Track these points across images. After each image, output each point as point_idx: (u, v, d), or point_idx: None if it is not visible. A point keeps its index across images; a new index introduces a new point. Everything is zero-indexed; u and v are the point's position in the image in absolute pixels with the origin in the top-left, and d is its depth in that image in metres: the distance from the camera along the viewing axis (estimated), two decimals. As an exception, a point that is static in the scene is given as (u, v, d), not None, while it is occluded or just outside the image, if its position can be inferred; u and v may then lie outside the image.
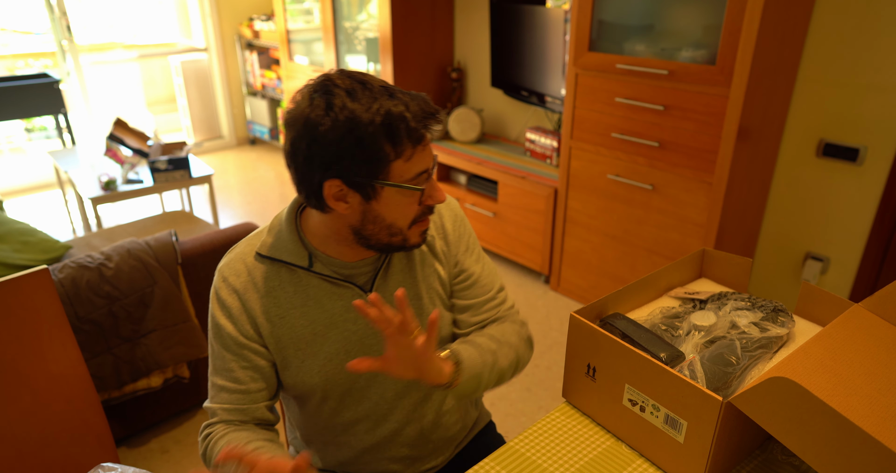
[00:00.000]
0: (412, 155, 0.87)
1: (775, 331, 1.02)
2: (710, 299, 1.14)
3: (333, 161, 0.86)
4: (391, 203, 0.90)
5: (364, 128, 0.83)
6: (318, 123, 0.84)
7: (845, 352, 0.88)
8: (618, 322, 1.03)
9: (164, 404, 2.07)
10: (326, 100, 0.84)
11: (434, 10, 3.55)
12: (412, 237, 0.96)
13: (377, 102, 0.84)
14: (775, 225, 2.51)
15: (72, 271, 1.77)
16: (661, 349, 0.96)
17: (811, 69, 2.25)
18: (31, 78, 4.04)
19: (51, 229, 3.78)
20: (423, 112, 0.87)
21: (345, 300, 1.00)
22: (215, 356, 1.01)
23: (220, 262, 1.04)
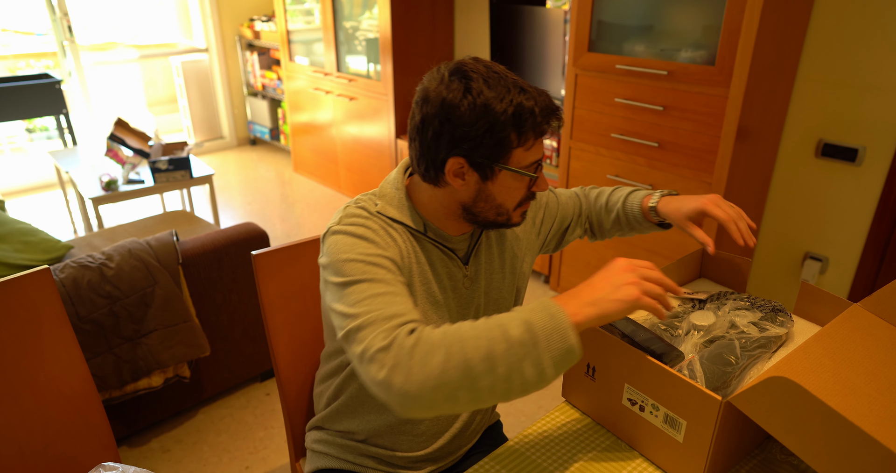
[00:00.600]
0: (532, 145, 0.95)
1: (774, 331, 1.02)
2: (709, 298, 1.14)
3: (462, 141, 0.93)
4: (504, 186, 0.98)
5: (497, 116, 0.91)
6: (455, 105, 0.91)
7: (844, 352, 0.88)
8: (617, 322, 1.03)
9: (164, 403, 2.07)
10: (465, 84, 0.91)
11: (434, 11, 3.55)
12: (515, 217, 1.03)
13: (511, 94, 0.92)
14: (774, 225, 2.51)
15: (73, 271, 1.78)
16: (660, 348, 0.96)
17: (810, 69, 2.25)
18: (33, 78, 4.05)
19: (52, 229, 3.79)
20: (549, 109, 0.95)
21: (448, 269, 1.07)
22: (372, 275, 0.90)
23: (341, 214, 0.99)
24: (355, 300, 0.88)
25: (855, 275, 2.34)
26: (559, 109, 0.97)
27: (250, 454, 2.02)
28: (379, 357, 0.80)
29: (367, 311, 0.86)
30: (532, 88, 0.95)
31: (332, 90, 4.02)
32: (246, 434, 2.10)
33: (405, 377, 0.77)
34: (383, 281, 0.90)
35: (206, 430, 2.12)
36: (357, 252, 0.93)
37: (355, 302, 0.87)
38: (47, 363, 1.22)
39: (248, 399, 2.27)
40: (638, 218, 1.20)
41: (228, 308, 2.14)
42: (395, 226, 1.02)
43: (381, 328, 0.82)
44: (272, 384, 2.36)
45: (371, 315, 0.85)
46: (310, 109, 4.32)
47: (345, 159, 4.15)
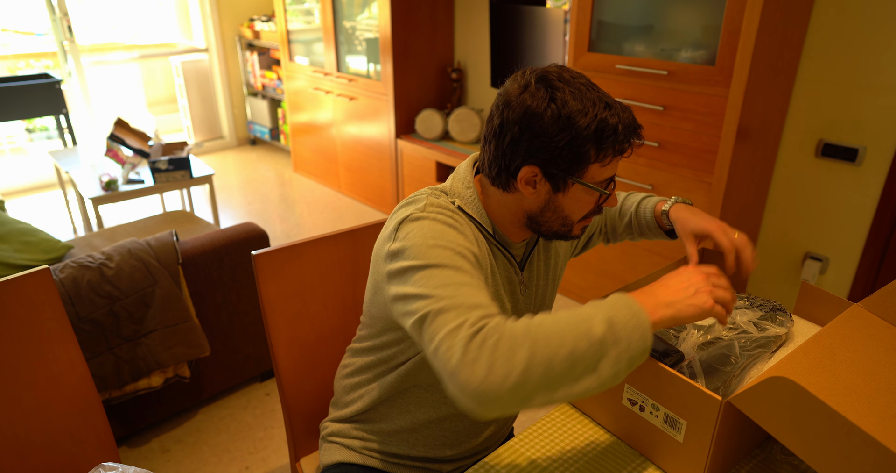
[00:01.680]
0: (610, 162, 0.94)
1: (774, 330, 1.02)
2: None
3: (541, 151, 0.92)
4: (574, 199, 0.97)
5: (579, 130, 0.90)
6: (538, 114, 0.90)
7: (844, 352, 0.88)
8: None
9: (164, 403, 2.07)
10: (550, 93, 0.90)
11: (434, 11, 3.55)
12: (576, 230, 1.03)
13: (595, 109, 0.90)
14: (774, 225, 2.51)
15: (73, 271, 1.78)
16: (660, 349, 0.96)
17: (810, 69, 2.25)
18: (33, 78, 4.05)
19: (52, 229, 3.79)
20: (631, 127, 0.94)
21: (507, 273, 1.07)
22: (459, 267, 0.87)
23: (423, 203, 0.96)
24: (438, 284, 0.83)
25: (855, 275, 2.34)
26: (640, 128, 0.96)
27: (250, 454, 2.02)
28: (460, 346, 0.75)
29: (451, 295, 0.81)
30: (617, 104, 0.94)
31: (332, 90, 4.02)
32: (246, 434, 2.10)
33: (486, 373, 0.73)
34: (469, 273, 0.86)
35: (206, 430, 2.12)
36: (447, 240, 0.90)
37: (438, 285, 0.83)
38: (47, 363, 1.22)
39: (248, 399, 2.27)
40: (650, 223, 1.21)
41: (228, 308, 2.14)
42: (473, 224, 1.02)
43: (465, 316, 0.78)
44: (272, 384, 2.36)
45: (455, 300, 0.81)
46: (310, 109, 4.32)
47: (345, 159, 4.15)
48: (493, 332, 0.76)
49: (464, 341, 0.75)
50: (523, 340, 0.75)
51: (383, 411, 1.13)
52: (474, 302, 0.81)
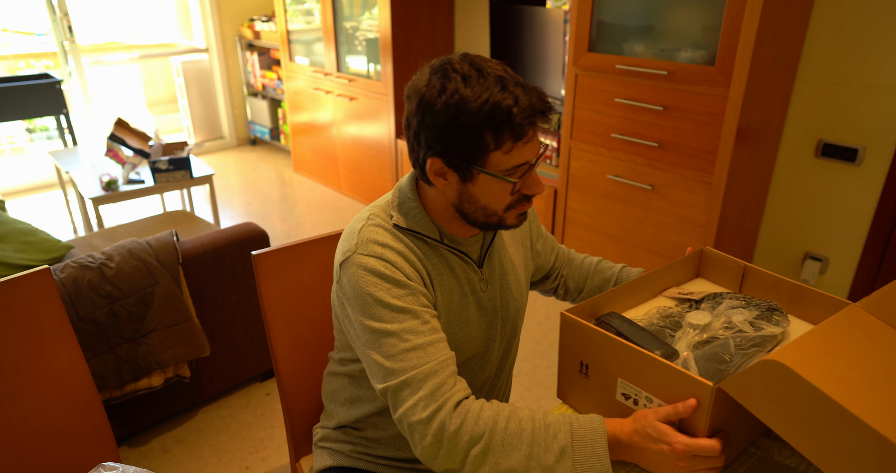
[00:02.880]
0: (511, 148, 0.90)
1: (770, 330, 1.02)
2: (705, 298, 1.14)
3: (437, 141, 0.91)
4: (486, 189, 0.94)
5: (469, 116, 0.87)
6: (430, 103, 0.89)
7: (839, 348, 0.88)
8: (613, 321, 1.03)
9: (165, 403, 2.07)
10: (442, 83, 0.89)
11: (434, 11, 3.55)
12: (508, 219, 1.00)
13: (488, 92, 0.87)
14: (774, 225, 2.51)
15: (73, 271, 1.78)
16: (655, 346, 0.96)
17: (810, 69, 2.25)
18: (33, 78, 4.05)
19: (52, 229, 3.79)
20: (532, 108, 0.88)
21: (466, 273, 1.06)
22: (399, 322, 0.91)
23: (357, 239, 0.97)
24: (388, 354, 0.90)
25: (855, 275, 2.34)
26: (546, 110, 0.90)
27: (250, 454, 2.02)
28: (420, 430, 0.86)
29: (402, 369, 0.88)
30: (518, 86, 0.89)
31: (332, 90, 4.02)
32: (246, 434, 2.10)
33: (444, 460, 0.86)
34: (413, 331, 0.91)
35: (206, 430, 2.12)
36: (382, 293, 0.93)
37: (389, 356, 0.90)
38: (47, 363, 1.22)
39: (248, 399, 2.27)
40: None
41: (228, 308, 2.14)
42: (412, 238, 1.00)
43: (419, 394, 0.87)
44: (272, 384, 2.36)
45: (407, 376, 0.88)
46: (310, 109, 4.32)
47: (345, 159, 4.15)
48: (453, 421, 0.85)
49: (423, 425, 0.86)
50: (480, 437, 0.84)
51: (371, 421, 1.13)
52: (426, 371, 0.88)
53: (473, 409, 0.86)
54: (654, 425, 0.85)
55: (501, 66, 0.91)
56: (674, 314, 1.10)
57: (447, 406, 0.86)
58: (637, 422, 0.87)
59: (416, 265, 0.98)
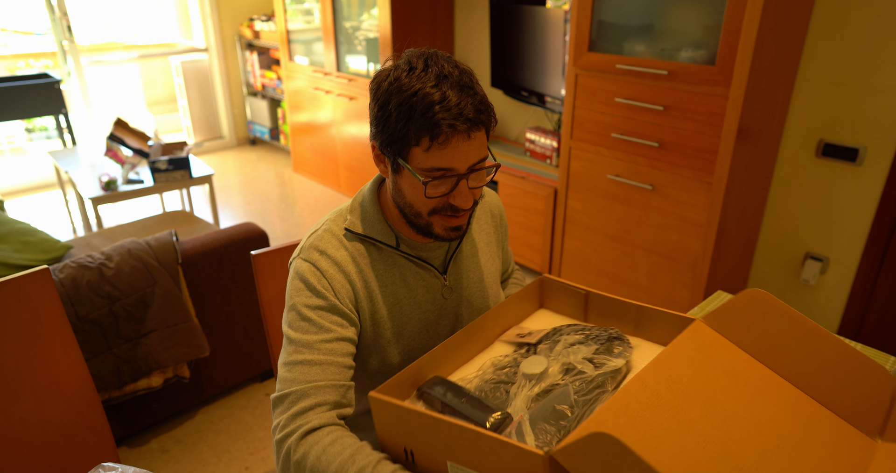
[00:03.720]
0: (430, 147, 0.87)
1: (612, 364, 0.93)
2: (541, 339, 1.03)
3: (373, 124, 0.93)
4: (409, 184, 0.94)
5: (396, 104, 0.87)
6: (377, 87, 0.91)
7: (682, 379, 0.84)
8: (435, 390, 0.90)
9: (164, 403, 2.07)
10: (392, 69, 0.90)
11: (434, 11, 3.55)
12: (435, 227, 0.97)
13: (420, 85, 0.86)
14: (775, 225, 2.51)
15: (72, 271, 1.77)
16: (484, 414, 0.84)
17: (811, 69, 2.25)
18: (32, 78, 4.04)
19: (51, 229, 3.79)
20: (457, 111, 0.85)
21: (425, 281, 1.04)
22: (304, 332, 0.94)
23: (305, 242, 1.01)
24: (284, 360, 0.94)
25: (856, 275, 2.34)
26: (473, 119, 0.86)
27: (250, 454, 2.02)
28: (275, 449, 0.89)
29: (286, 381, 0.92)
30: (456, 88, 0.86)
31: (332, 90, 4.02)
32: (246, 434, 2.10)
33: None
34: (309, 346, 0.93)
35: (206, 430, 2.12)
36: (299, 299, 0.96)
37: (283, 362, 0.94)
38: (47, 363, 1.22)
39: (248, 400, 2.27)
40: None
41: (228, 308, 2.14)
42: (364, 245, 1.00)
43: (284, 416, 0.89)
44: (272, 384, 2.36)
45: (284, 392, 0.91)
46: (310, 108, 4.32)
47: (345, 159, 4.15)
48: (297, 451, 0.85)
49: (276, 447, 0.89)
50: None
51: (355, 422, 1.13)
52: (301, 391, 0.90)
53: (322, 442, 0.85)
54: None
55: (459, 69, 0.89)
56: (509, 363, 0.99)
57: (296, 434, 0.86)
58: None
59: (351, 277, 0.98)
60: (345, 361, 0.95)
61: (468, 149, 0.89)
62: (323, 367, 0.92)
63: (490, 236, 1.17)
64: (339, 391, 0.92)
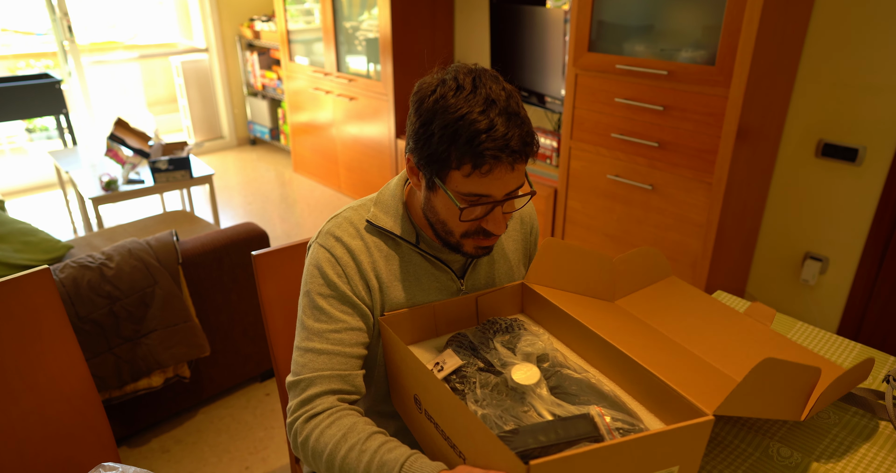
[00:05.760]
0: (471, 173, 0.86)
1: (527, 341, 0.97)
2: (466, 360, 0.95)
3: (413, 139, 0.91)
4: (443, 204, 0.93)
5: (440, 126, 0.85)
6: (420, 101, 0.89)
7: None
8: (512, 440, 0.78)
9: (164, 403, 2.07)
10: (438, 85, 0.88)
11: (434, 11, 3.55)
12: (466, 246, 0.98)
13: (468, 108, 0.84)
14: (775, 225, 2.51)
15: (73, 271, 1.78)
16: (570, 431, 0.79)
17: (810, 69, 2.25)
18: (33, 78, 4.05)
19: (52, 229, 3.79)
20: (503, 142, 0.83)
21: (440, 282, 1.05)
22: (315, 320, 0.97)
23: (325, 226, 1.02)
24: (297, 344, 0.98)
25: (855, 275, 2.34)
26: (519, 152, 0.85)
27: (250, 454, 2.02)
28: (288, 431, 0.95)
29: (296, 367, 0.97)
30: (503, 116, 0.83)
31: (332, 90, 4.02)
32: (246, 434, 2.10)
33: (304, 462, 0.95)
34: (319, 335, 0.96)
35: (206, 430, 2.12)
36: (314, 287, 0.99)
37: (297, 346, 0.98)
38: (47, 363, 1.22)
39: (248, 399, 2.27)
40: None
41: (228, 308, 2.14)
42: (381, 238, 1.01)
43: (295, 401, 0.94)
44: (272, 384, 2.36)
45: (296, 378, 0.95)
46: (310, 109, 4.32)
47: (345, 159, 4.15)
48: (302, 432, 0.91)
49: (287, 429, 0.95)
50: (324, 459, 0.88)
51: (382, 409, 1.14)
52: (310, 378, 0.94)
53: (321, 425, 0.90)
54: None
55: (507, 92, 0.87)
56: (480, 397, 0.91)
57: (301, 419, 0.92)
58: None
59: (363, 266, 0.99)
60: (352, 351, 0.97)
61: (509, 179, 0.88)
62: (330, 357, 0.95)
63: (517, 244, 1.16)
64: (344, 380, 0.95)
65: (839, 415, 1.06)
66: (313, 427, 0.90)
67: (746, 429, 1.02)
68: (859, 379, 0.98)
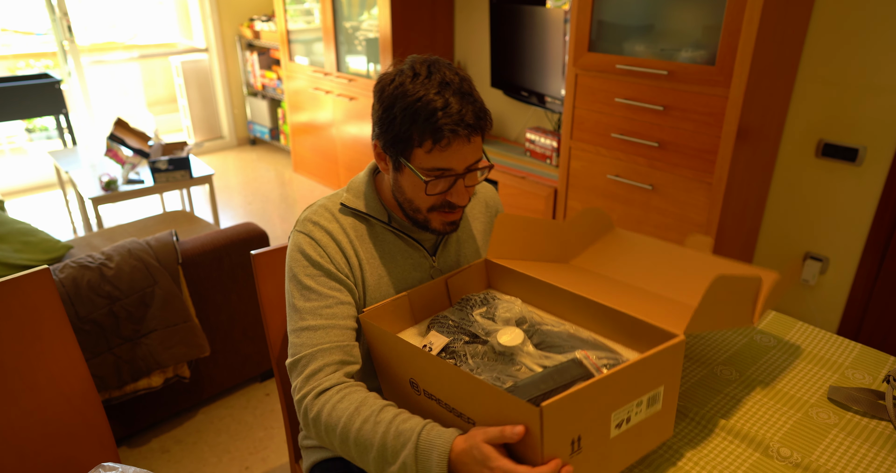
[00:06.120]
0: (432, 149, 0.95)
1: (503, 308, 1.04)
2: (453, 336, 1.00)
3: (377, 126, 0.99)
4: (410, 182, 1.01)
5: (401, 109, 0.94)
6: (381, 90, 0.98)
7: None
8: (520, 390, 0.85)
9: (164, 403, 2.07)
10: (396, 74, 0.96)
11: (434, 11, 3.55)
12: (433, 222, 1.05)
13: (424, 91, 0.93)
14: (775, 225, 2.51)
15: (72, 271, 1.78)
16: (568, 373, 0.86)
17: (810, 69, 2.25)
18: (32, 78, 4.05)
19: (52, 229, 3.79)
20: (458, 117, 0.93)
21: (413, 259, 1.11)
22: (306, 300, 1.01)
23: (301, 216, 1.08)
24: (291, 328, 1.01)
25: (855, 275, 2.34)
26: (474, 125, 0.93)
27: (250, 454, 2.02)
28: (296, 409, 0.97)
29: (296, 346, 0.99)
30: (457, 95, 0.93)
31: (332, 90, 4.02)
32: (246, 434, 2.10)
33: (315, 437, 0.97)
34: (312, 312, 1.00)
35: (206, 430, 2.12)
36: (299, 269, 1.03)
37: (291, 330, 1.01)
38: (47, 363, 1.22)
39: (248, 399, 2.27)
40: None
41: (228, 308, 2.14)
42: (356, 219, 1.07)
43: (299, 378, 0.97)
44: (272, 384, 2.36)
45: (296, 358, 0.99)
46: (310, 109, 4.32)
47: (345, 159, 4.15)
48: (312, 409, 0.94)
49: (296, 407, 0.97)
50: (338, 433, 0.91)
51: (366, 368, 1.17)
52: (310, 354, 0.97)
53: (332, 400, 0.93)
54: (479, 446, 0.79)
55: (460, 76, 0.96)
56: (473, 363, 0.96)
57: (311, 394, 0.95)
58: (467, 442, 0.81)
59: (342, 245, 1.05)
60: (346, 323, 1.02)
61: (467, 151, 0.97)
62: (326, 330, 0.99)
63: (484, 226, 1.25)
64: (344, 351, 0.99)
65: (839, 415, 1.06)
66: (324, 403, 0.93)
67: (747, 429, 1.02)
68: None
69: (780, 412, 1.06)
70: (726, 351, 1.24)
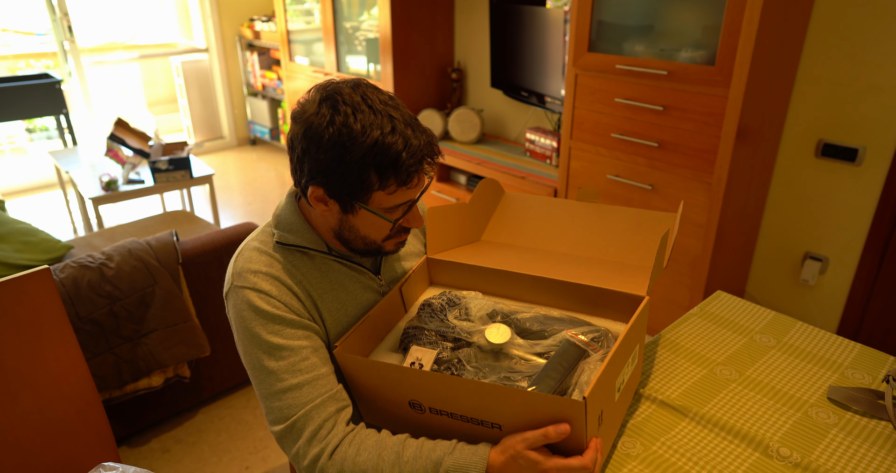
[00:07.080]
0: (395, 190, 0.91)
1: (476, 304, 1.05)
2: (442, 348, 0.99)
3: (320, 173, 0.90)
4: (366, 222, 0.96)
5: (356, 156, 0.86)
6: (317, 134, 0.87)
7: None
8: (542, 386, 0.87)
9: (165, 403, 2.07)
10: (332, 114, 0.86)
11: (434, 11, 3.55)
12: (387, 247, 1.02)
13: (378, 131, 0.85)
14: (774, 225, 2.52)
15: (73, 271, 1.78)
16: (572, 355, 0.92)
17: (810, 69, 2.25)
18: (33, 78, 4.05)
19: (52, 229, 3.79)
20: (420, 154, 0.88)
21: (362, 283, 1.06)
22: (277, 359, 0.92)
23: (234, 268, 0.98)
24: (267, 393, 0.92)
25: (855, 275, 2.34)
26: (434, 156, 0.91)
27: (250, 454, 2.02)
28: (305, 469, 0.89)
29: (282, 410, 0.90)
30: (409, 128, 0.87)
31: (332, 90, 4.02)
32: (246, 434, 2.10)
33: None
34: (289, 370, 0.91)
35: (206, 430, 2.12)
36: (259, 329, 0.93)
37: (268, 395, 0.92)
38: (47, 363, 1.22)
39: (248, 399, 2.27)
40: None
41: (228, 308, 2.14)
42: (296, 255, 0.99)
43: (299, 443, 0.89)
44: (272, 384, 2.36)
45: (287, 424, 0.90)
46: (310, 109, 4.32)
47: (345, 159, 4.15)
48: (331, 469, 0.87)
49: (307, 471, 0.89)
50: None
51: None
52: (303, 414, 0.89)
53: (349, 457, 0.87)
54: (522, 454, 0.80)
55: (393, 101, 0.90)
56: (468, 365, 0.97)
57: (324, 455, 0.87)
58: (505, 453, 0.82)
59: (293, 289, 0.97)
60: (327, 369, 0.95)
61: (426, 179, 0.95)
62: (312, 385, 0.91)
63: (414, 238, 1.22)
64: (335, 399, 0.93)
65: (839, 415, 1.06)
66: (342, 462, 0.87)
67: (746, 429, 1.02)
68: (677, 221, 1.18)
69: (779, 412, 1.06)
70: (726, 351, 1.24)
